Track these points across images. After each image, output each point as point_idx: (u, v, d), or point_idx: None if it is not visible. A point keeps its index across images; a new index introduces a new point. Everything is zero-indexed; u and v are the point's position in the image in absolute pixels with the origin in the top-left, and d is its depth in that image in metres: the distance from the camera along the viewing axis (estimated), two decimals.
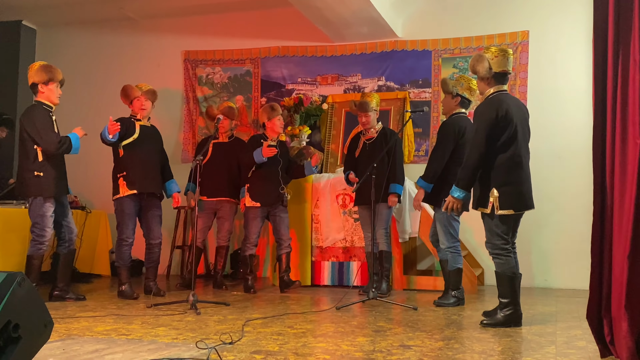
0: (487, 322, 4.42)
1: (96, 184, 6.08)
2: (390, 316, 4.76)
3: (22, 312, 2.64)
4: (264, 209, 6.23)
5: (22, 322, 2.63)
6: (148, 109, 6.03)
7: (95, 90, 8.53)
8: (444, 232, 5.40)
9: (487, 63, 4.42)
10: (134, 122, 5.95)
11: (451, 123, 5.47)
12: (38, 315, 2.75)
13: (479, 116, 4.40)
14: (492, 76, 4.45)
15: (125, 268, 5.78)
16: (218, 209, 6.55)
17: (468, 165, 4.39)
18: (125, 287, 5.73)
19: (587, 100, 6.72)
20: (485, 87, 4.51)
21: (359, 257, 6.50)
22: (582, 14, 6.91)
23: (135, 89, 6.02)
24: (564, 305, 5.56)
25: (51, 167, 5.36)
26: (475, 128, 4.40)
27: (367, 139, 6.09)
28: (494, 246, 4.43)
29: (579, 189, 6.64)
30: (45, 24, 8.83)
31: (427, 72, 7.49)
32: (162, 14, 8.35)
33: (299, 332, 4.06)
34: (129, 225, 5.78)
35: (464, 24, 7.38)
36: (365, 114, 6.02)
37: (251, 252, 6.24)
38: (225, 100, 7.94)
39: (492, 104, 4.37)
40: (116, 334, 3.98)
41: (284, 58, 8.03)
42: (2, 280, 2.60)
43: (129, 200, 5.79)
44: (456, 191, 4.46)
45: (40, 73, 5.40)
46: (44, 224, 5.31)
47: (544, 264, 6.84)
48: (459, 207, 4.55)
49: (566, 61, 7.05)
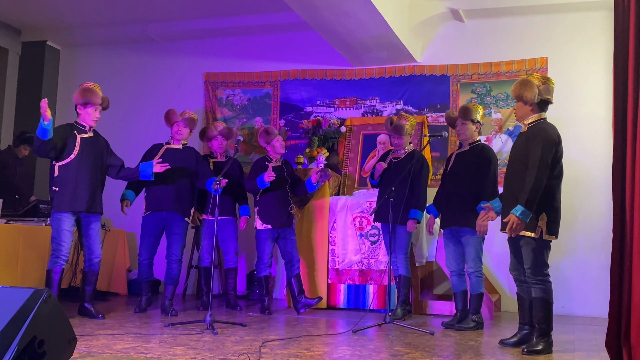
0: (528, 350, 4.32)
1: (116, 202, 6.13)
2: (407, 340, 4.75)
3: (47, 328, 2.69)
4: (275, 231, 6.26)
5: (47, 338, 2.67)
6: (184, 135, 6.16)
7: (117, 110, 8.60)
8: (475, 256, 5.41)
9: (536, 90, 4.45)
10: (162, 145, 6.16)
11: (491, 150, 5.59)
12: (62, 331, 2.80)
13: (544, 140, 4.36)
14: (537, 103, 4.50)
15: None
16: (220, 229, 6.45)
17: (537, 188, 4.27)
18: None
19: (605, 128, 6.73)
20: (528, 113, 4.54)
21: (375, 280, 6.50)
22: (601, 41, 6.94)
23: (176, 115, 6.16)
24: (582, 333, 5.52)
25: (66, 182, 5.41)
26: (541, 151, 4.33)
27: (394, 157, 6.11)
28: (537, 272, 4.37)
29: (597, 216, 6.62)
30: (69, 45, 8.99)
31: (445, 96, 7.54)
32: (183, 36, 8.48)
33: (316, 355, 4.07)
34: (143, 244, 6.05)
35: (483, 50, 7.43)
36: (399, 136, 6.04)
37: (265, 273, 6.26)
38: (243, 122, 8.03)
39: (551, 128, 4.43)
40: (135, 352, 4.01)
41: (303, 81, 8.11)
42: (29, 297, 2.65)
43: (149, 219, 5.97)
44: (524, 213, 4.26)
45: (78, 95, 5.52)
46: (59, 238, 5.38)
47: (561, 291, 6.79)
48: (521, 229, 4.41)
49: (585, 88, 7.07)
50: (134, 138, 8.04)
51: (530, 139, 4.44)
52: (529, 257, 4.40)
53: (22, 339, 2.54)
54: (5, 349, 2.48)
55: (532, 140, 4.42)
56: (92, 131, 5.67)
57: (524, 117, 4.57)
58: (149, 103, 8.55)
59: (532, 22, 7.31)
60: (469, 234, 5.40)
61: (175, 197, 5.98)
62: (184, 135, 6.15)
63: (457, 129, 5.62)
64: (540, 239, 4.36)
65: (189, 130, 6.19)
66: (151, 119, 8.27)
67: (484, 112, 7.35)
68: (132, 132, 8.29)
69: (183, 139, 6.17)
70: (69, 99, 8.74)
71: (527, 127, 4.57)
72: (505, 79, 7.30)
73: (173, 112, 6.16)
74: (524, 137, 4.56)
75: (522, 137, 4.59)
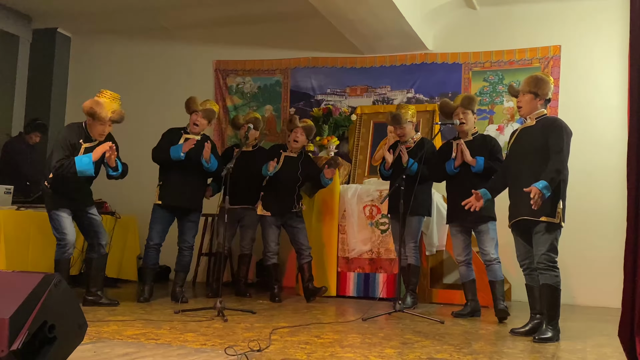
0: (539, 337, 4.33)
1: (127, 189, 6.15)
2: (417, 329, 4.74)
3: (57, 313, 2.69)
4: (277, 218, 6.26)
5: (58, 323, 2.67)
6: (201, 126, 6.02)
7: (127, 98, 8.52)
8: (494, 244, 5.42)
9: (551, 86, 4.65)
10: (182, 134, 6.02)
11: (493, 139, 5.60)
12: (73, 316, 2.80)
13: (565, 129, 4.49)
14: (547, 99, 4.67)
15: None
16: (241, 217, 6.54)
17: (560, 170, 4.35)
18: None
19: (619, 117, 6.67)
20: (536, 107, 4.64)
21: (385, 268, 6.49)
22: (615, 29, 6.86)
23: (195, 104, 6.01)
24: (593, 323, 5.50)
25: (63, 186, 5.23)
26: (565, 139, 4.44)
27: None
28: (551, 259, 4.41)
29: (609, 206, 6.57)
30: (80, 32, 8.99)
31: (457, 85, 7.48)
32: (194, 24, 8.46)
33: (326, 342, 4.07)
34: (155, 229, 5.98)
35: (495, 38, 7.37)
36: (399, 126, 5.99)
37: (273, 261, 6.27)
38: (253, 109, 8.01)
39: (563, 121, 4.60)
40: (145, 338, 4.02)
41: (314, 69, 8.07)
42: (39, 282, 2.65)
43: (160, 208, 5.96)
44: (546, 188, 4.29)
45: (89, 106, 5.20)
46: (61, 228, 5.29)
47: (573, 281, 6.76)
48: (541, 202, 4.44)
49: (598, 76, 7.00)
50: (146, 125, 8.02)
51: (550, 130, 4.49)
52: (545, 243, 4.39)
53: (32, 324, 2.54)
54: (16, 333, 2.49)
55: (552, 131, 4.48)
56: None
57: (532, 111, 4.65)
58: (160, 91, 8.55)
59: (546, 10, 7.24)
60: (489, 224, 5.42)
61: (189, 190, 5.94)
62: (201, 126, 6.02)
63: (460, 118, 5.56)
64: (558, 225, 4.41)
65: (207, 122, 6.07)
66: (162, 106, 8.27)
67: (496, 101, 7.33)
68: (143, 120, 8.26)
69: (201, 130, 6.05)
70: (79, 87, 8.78)
71: (535, 121, 4.62)
72: (518, 67, 7.24)
73: (192, 100, 6.03)
74: (536, 129, 4.57)
75: (532, 130, 4.60)
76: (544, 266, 4.40)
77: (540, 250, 4.41)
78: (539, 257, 4.41)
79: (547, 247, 4.39)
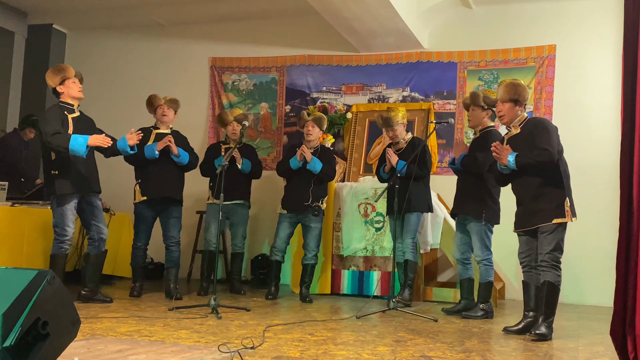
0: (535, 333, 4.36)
1: (121, 187, 6.15)
2: (410, 327, 4.75)
3: (51, 309, 2.68)
4: (293, 216, 6.26)
5: (51, 320, 2.66)
6: (169, 116, 6.15)
7: (123, 94, 8.63)
8: (480, 244, 5.39)
9: (529, 91, 4.78)
10: (152, 131, 6.11)
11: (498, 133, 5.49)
12: (66, 313, 2.79)
13: (549, 127, 4.53)
14: (525, 104, 4.71)
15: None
16: (231, 214, 6.46)
17: (541, 161, 4.37)
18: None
19: (613, 116, 6.69)
20: (518, 114, 4.67)
21: (379, 266, 6.50)
22: (610, 29, 6.88)
23: (158, 98, 6.19)
24: (586, 321, 5.52)
25: (68, 165, 5.26)
26: (550, 133, 4.46)
27: (396, 150, 6.08)
28: (555, 258, 4.44)
29: (603, 204, 6.59)
30: (76, 28, 8.97)
31: (452, 83, 7.50)
32: (190, 21, 8.45)
33: (320, 340, 4.08)
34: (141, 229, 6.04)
35: (491, 37, 7.37)
36: (391, 129, 6.03)
37: (277, 257, 6.27)
38: (249, 107, 8.01)
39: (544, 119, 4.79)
40: (139, 335, 4.02)
41: (310, 67, 8.07)
42: (33, 278, 2.64)
43: (143, 204, 5.99)
44: (513, 162, 4.43)
45: (53, 76, 5.39)
46: (63, 222, 5.29)
47: (566, 280, 6.74)
48: (499, 162, 4.55)
49: (593, 76, 7.02)
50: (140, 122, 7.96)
51: (536, 131, 4.51)
52: (551, 242, 4.43)
53: (25, 320, 2.54)
54: (9, 329, 2.48)
55: (538, 133, 4.49)
56: (78, 110, 5.48)
57: (514, 118, 4.68)
58: (156, 88, 8.49)
59: (541, 9, 7.25)
60: (474, 223, 5.39)
61: (169, 181, 5.99)
62: (170, 117, 6.15)
63: (468, 114, 5.63)
64: (566, 223, 4.46)
65: (174, 112, 6.19)
66: None
67: None
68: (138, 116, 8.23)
69: (170, 121, 6.17)
70: None
71: (520, 128, 4.64)
72: (513, 67, 7.25)
73: (155, 97, 6.19)
74: (523, 136, 4.58)
75: (520, 138, 4.60)
76: (547, 264, 4.42)
77: (545, 250, 4.44)
78: (544, 255, 4.44)
79: (553, 247, 4.42)
